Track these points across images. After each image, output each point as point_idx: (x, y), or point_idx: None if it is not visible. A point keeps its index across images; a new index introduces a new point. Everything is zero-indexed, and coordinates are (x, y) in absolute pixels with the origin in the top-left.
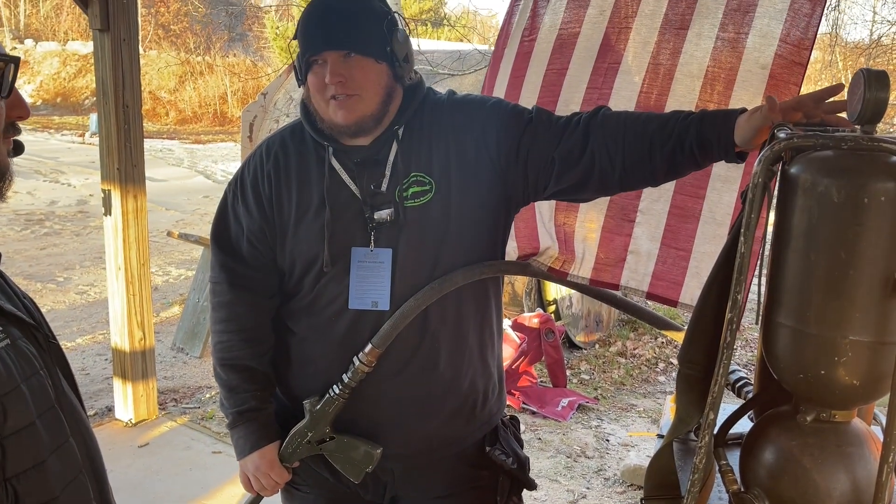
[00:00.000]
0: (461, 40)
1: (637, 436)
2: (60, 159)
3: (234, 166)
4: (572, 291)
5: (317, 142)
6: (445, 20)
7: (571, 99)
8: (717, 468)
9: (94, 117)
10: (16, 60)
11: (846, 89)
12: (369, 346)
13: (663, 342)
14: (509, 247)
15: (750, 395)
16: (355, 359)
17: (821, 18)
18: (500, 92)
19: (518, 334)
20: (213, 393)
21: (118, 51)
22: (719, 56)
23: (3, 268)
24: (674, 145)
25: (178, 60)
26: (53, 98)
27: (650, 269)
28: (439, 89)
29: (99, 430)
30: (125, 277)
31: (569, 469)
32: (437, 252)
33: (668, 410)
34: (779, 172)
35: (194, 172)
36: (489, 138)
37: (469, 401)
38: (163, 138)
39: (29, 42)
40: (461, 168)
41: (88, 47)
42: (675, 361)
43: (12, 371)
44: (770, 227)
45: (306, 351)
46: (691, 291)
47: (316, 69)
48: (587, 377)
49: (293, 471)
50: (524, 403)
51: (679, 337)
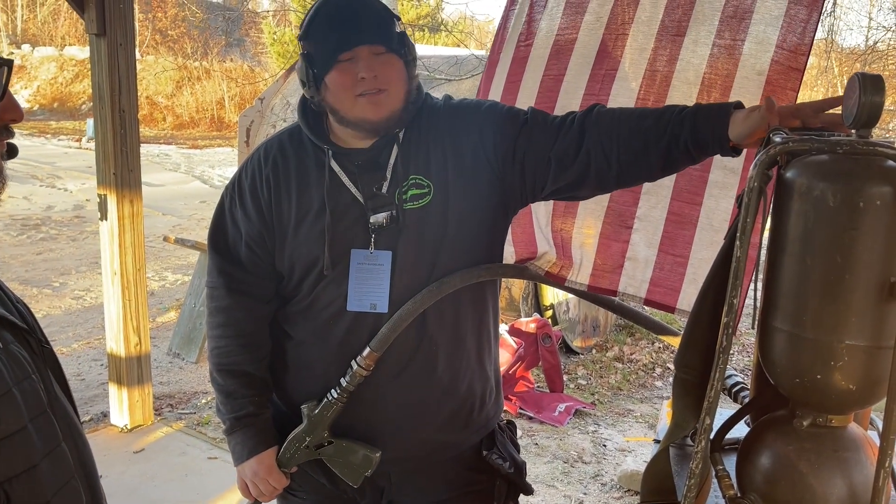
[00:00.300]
0: (458, 45)
1: (634, 441)
2: (57, 164)
3: (231, 171)
4: (569, 296)
5: (315, 145)
6: (443, 25)
7: (568, 105)
8: (714, 473)
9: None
10: (9, 63)
11: None
12: (367, 350)
13: (660, 347)
14: (506, 251)
15: (746, 400)
16: (353, 362)
17: (817, 24)
18: (496, 97)
19: (515, 339)
20: (209, 398)
21: (114, 55)
22: (716, 62)
23: None
24: (669, 141)
25: (176, 65)
26: (50, 103)
27: (648, 276)
28: (436, 94)
29: (94, 436)
30: (121, 282)
31: (566, 474)
32: (436, 254)
33: (665, 415)
34: (775, 176)
35: (191, 177)
36: (486, 141)
37: (467, 405)
38: (160, 143)
39: (26, 47)
40: (459, 171)
41: (86, 52)
42: (672, 366)
43: (4, 375)
44: (766, 231)
45: (304, 355)
46: (689, 298)
47: (343, 66)
48: (584, 382)
49: (290, 476)
50: (521, 408)
51: (676, 342)
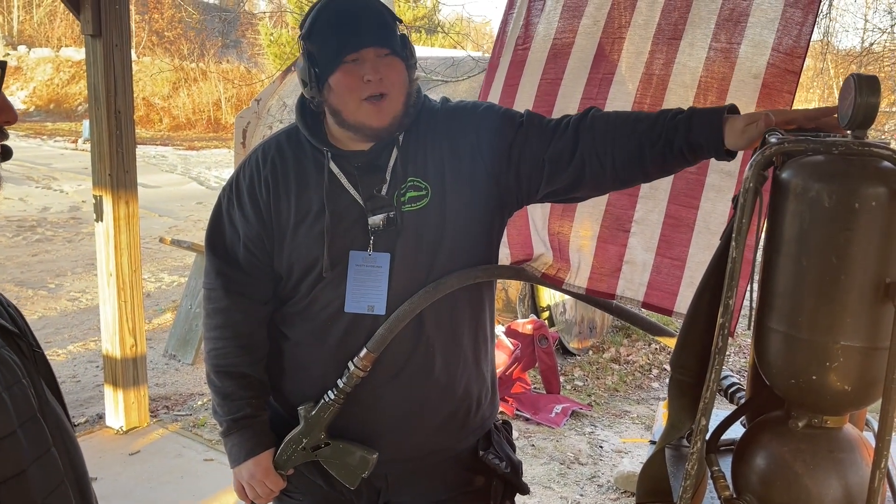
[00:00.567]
0: (455, 47)
1: (631, 442)
2: (53, 165)
3: (228, 172)
4: (566, 298)
5: (314, 147)
6: (439, 27)
7: (566, 108)
8: (709, 474)
9: (87, 123)
10: (2, 65)
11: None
12: (364, 351)
13: (657, 348)
14: (502, 253)
15: (742, 401)
16: (350, 363)
17: (813, 27)
18: (495, 100)
19: (512, 340)
20: (205, 400)
21: (110, 56)
22: (712, 66)
23: None
24: (663, 146)
25: (172, 67)
26: (47, 104)
27: (645, 279)
28: (433, 96)
29: (90, 438)
30: (116, 284)
31: (562, 476)
32: (434, 256)
33: (662, 416)
34: (770, 177)
35: (188, 179)
36: (482, 143)
37: (463, 406)
38: (156, 144)
39: (22, 48)
40: (456, 173)
41: (82, 54)
42: (669, 367)
43: None
44: (762, 232)
45: (301, 356)
46: (686, 301)
47: (348, 67)
48: (581, 383)
49: (286, 478)
50: (518, 410)
51: (672, 343)
